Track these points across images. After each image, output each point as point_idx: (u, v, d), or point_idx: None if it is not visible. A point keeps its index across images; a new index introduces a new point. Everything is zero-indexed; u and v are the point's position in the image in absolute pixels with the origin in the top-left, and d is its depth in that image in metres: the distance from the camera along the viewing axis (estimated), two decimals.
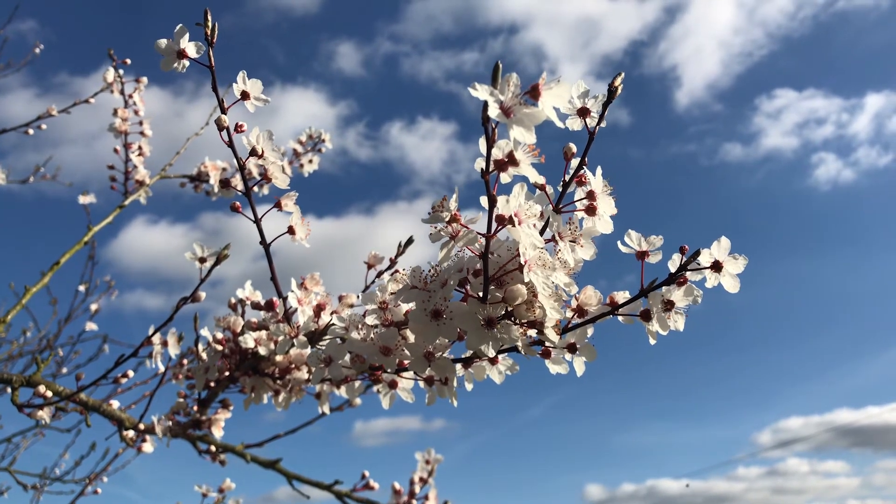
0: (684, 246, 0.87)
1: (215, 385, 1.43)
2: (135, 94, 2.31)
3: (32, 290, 1.75)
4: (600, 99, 0.84)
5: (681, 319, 0.88)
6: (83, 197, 2.41)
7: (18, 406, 1.49)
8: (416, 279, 0.88)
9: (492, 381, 1.00)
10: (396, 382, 1.06)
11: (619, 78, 0.84)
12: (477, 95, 0.60)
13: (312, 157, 2.53)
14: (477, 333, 0.80)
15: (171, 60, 1.07)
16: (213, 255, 1.31)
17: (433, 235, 0.83)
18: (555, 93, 0.62)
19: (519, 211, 0.72)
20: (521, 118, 0.60)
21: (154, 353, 1.47)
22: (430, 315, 0.84)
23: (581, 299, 0.87)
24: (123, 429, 1.58)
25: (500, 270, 0.80)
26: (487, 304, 0.81)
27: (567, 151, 0.83)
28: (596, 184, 0.83)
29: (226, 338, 1.36)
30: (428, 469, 1.70)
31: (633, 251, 0.89)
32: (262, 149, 1.11)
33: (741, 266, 0.86)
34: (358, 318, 1.00)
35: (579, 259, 0.86)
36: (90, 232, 2.00)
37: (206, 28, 1.07)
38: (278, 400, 1.34)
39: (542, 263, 0.77)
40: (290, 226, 1.16)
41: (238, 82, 1.08)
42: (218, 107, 1.10)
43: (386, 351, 0.93)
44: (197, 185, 2.39)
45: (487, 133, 0.65)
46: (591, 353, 0.91)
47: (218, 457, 1.62)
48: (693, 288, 0.88)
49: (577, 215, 0.87)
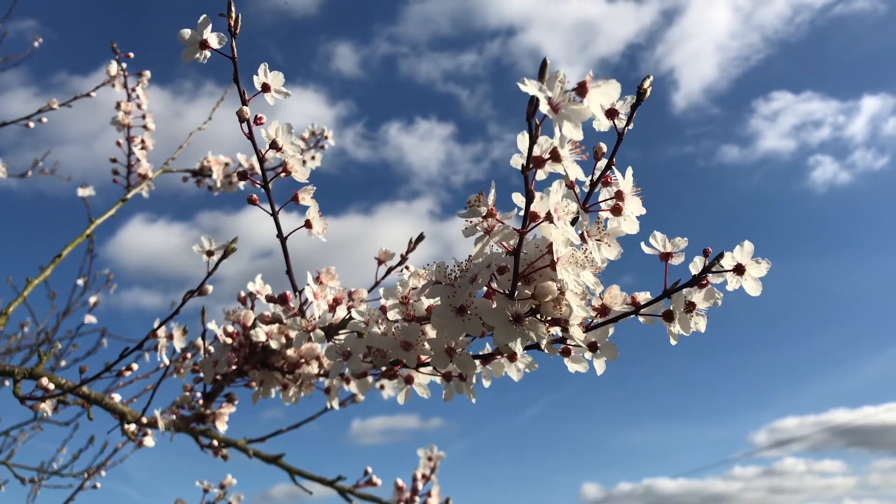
0: (707, 248, 0.88)
1: (222, 379, 1.43)
2: (138, 88, 2.29)
3: (34, 283, 1.73)
4: (629, 101, 0.85)
5: (702, 321, 0.89)
6: (82, 189, 2.39)
7: (21, 398, 1.47)
8: (440, 275, 0.88)
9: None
10: (413, 378, 1.06)
11: (648, 80, 0.85)
12: (526, 90, 0.60)
13: (315, 154, 2.53)
14: (505, 329, 0.81)
15: (194, 51, 1.07)
16: (221, 248, 1.31)
17: (468, 230, 0.83)
18: (602, 90, 0.63)
19: (557, 208, 0.73)
20: (569, 114, 0.61)
21: (159, 347, 1.46)
22: (455, 310, 0.84)
23: (606, 298, 0.88)
24: (125, 422, 1.56)
25: (529, 267, 0.81)
26: (515, 301, 0.81)
27: (598, 151, 0.84)
28: (625, 184, 0.84)
29: (236, 331, 1.35)
30: (430, 466, 1.70)
31: (657, 252, 0.90)
32: (282, 142, 1.11)
33: (764, 270, 0.87)
34: (377, 312, 1.01)
35: (605, 258, 0.87)
36: (92, 224, 1.99)
37: (230, 19, 1.07)
38: (287, 394, 1.34)
39: (574, 261, 0.78)
40: (307, 219, 1.16)
41: (259, 74, 1.08)
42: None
43: (407, 346, 0.93)
44: (199, 180, 2.38)
45: (531, 129, 0.65)
46: (613, 353, 0.91)
47: (220, 451, 1.62)
48: (714, 290, 0.89)
49: (602, 215, 0.88)
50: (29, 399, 1.49)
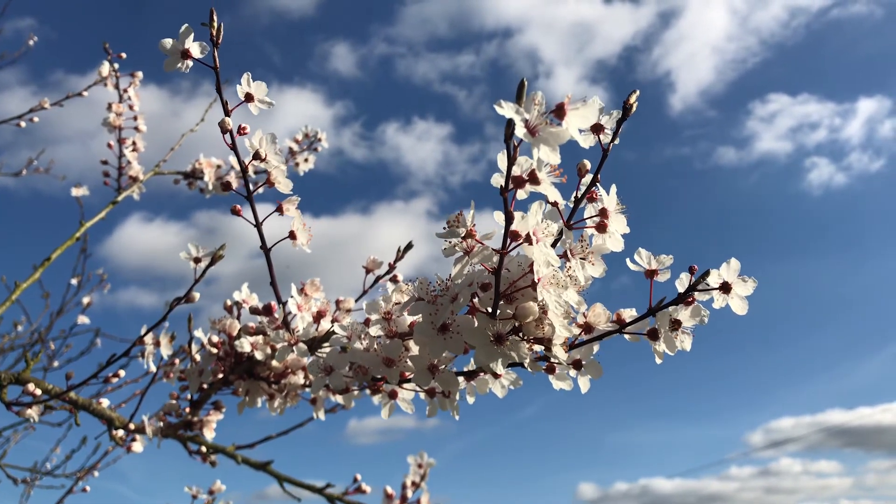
0: (693, 266, 0.87)
1: (208, 387, 1.41)
2: (129, 89, 2.28)
3: (22, 287, 1.72)
4: (614, 116, 0.84)
5: (688, 339, 0.88)
6: (76, 189, 2.38)
7: (7, 404, 1.46)
8: (422, 291, 0.87)
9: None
10: (397, 393, 1.05)
11: (634, 96, 0.83)
12: (503, 113, 0.59)
13: (308, 156, 2.51)
14: (486, 349, 0.79)
15: (175, 60, 1.06)
16: (208, 255, 1.29)
17: (447, 250, 0.82)
18: (580, 113, 0.61)
19: (536, 229, 0.71)
20: (546, 137, 0.60)
21: (146, 353, 1.45)
22: (437, 329, 0.83)
23: (590, 317, 0.86)
24: (113, 428, 1.56)
25: (511, 286, 0.80)
26: (497, 320, 0.80)
27: (581, 168, 0.82)
28: (609, 202, 0.82)
29: (221, 340, 1.34)
30: (420, 473, 1.69)
31: (642, 269, 0.88)
32: (265, 152, 1.10)
33: (750, 289, 0.85)
34: (360, 327, 0.99)
35: (589, 276, 0.85)
36: (81, 228, 1.97)
37: (212, 28, 1.05)
38: (273, 404, 1.33)
39: (556, 282, 0.76)
40: (291, 231, 1.15)
41: (242, 84, 1.07)
42: (221, 106, 1.08)
43: (389, 362, 0.92)
44: (191, 183, 2.36)
45: (509, 151, 0.64)
46: (597, 371, 0.90)
47: (209, 458, 1.61)
48: (700, 308, 0.87)
49: (586, 232, 0.86)
50: (15, 405, 1.48)
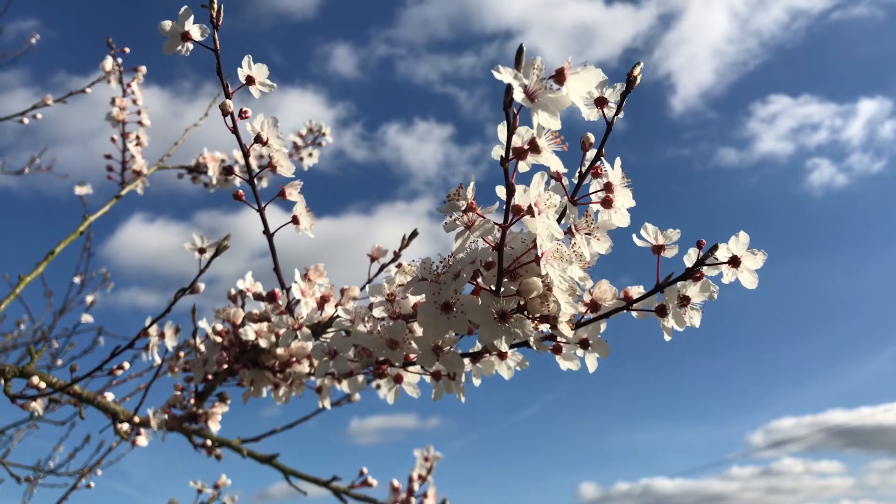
0: (701, 240, 0.85)
1: (213, 378, 1.41)
2: (133, 84, 2.27)
3: (26, 280, 1.71)
4: (618, 89, 0.82)
5: (697, 315, 0.86)
6: (80, 188, 2.37)
7: (11, 397, 1.46)
8: (425, 271, 0.86)
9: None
10: (402, 377, 1.04)
11: (639, 67, 0.82)
12: (500, 78, 0.57)
13: (312, 151, 2.50)
14: (490, 327, 0.78)
15: (175, 43, 1.04)
16: (213, 245, 1.29)
17: (448, 225, 0.80)
18: (581, 77, 0.60)
19: (538, 201, 0.70)
20: (546, 103, 0.58)
21: (150, 346, 1.44)
22: (440, 308, 0.82)
23: (595, 294, 0.85)
24: (118, 422, 1.55)
25: (515, 263, 0.78)
26: (501, 297, 0.78)
27: (585, 141, 0.81)
28: (614, 176, 0.81)
29: (225, 329, 1.33)
30: (427, 466, 1.67)
31: (648, 245, 0.87)
32: (267, 136, 1.08)
33: (760, 261, 0.84)
34: (364, 310, 0.98)
35: (594, 253, 0.84)
36: (86, 221, 1.97)
37: (212, 10, 1.04)
38: (278, 394, 1.32)
39: (560, 256, 0.75)
40: (294, 215, 1.14)
41: (243, 66, 1.06)
42: (222, 92, 1.07)
43: (393, 344, 0.91)
44: (195, 177, 2.36)
45: (508, 118, 0.62)
46: (605, 349, 0.88)
47: (214, 451, 1.60)
48: (709, 283, 0.86)
49: (592, 208, 0.85)
50: (20, 398, 1.47)
